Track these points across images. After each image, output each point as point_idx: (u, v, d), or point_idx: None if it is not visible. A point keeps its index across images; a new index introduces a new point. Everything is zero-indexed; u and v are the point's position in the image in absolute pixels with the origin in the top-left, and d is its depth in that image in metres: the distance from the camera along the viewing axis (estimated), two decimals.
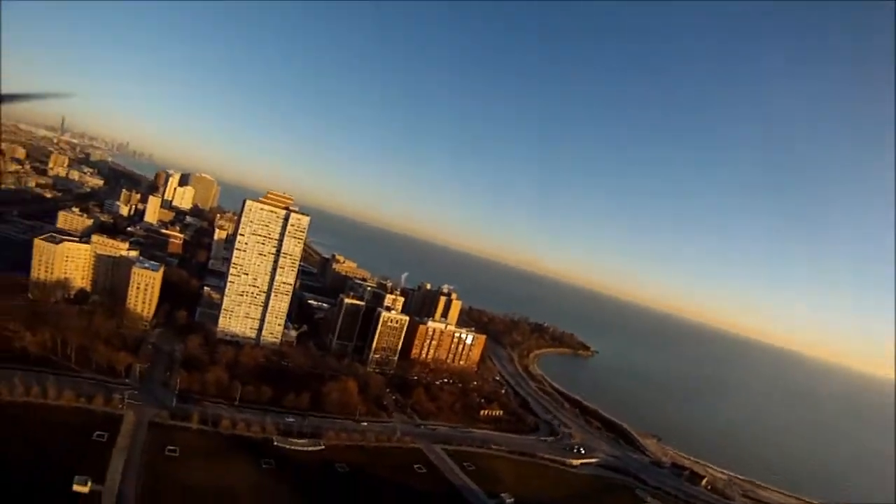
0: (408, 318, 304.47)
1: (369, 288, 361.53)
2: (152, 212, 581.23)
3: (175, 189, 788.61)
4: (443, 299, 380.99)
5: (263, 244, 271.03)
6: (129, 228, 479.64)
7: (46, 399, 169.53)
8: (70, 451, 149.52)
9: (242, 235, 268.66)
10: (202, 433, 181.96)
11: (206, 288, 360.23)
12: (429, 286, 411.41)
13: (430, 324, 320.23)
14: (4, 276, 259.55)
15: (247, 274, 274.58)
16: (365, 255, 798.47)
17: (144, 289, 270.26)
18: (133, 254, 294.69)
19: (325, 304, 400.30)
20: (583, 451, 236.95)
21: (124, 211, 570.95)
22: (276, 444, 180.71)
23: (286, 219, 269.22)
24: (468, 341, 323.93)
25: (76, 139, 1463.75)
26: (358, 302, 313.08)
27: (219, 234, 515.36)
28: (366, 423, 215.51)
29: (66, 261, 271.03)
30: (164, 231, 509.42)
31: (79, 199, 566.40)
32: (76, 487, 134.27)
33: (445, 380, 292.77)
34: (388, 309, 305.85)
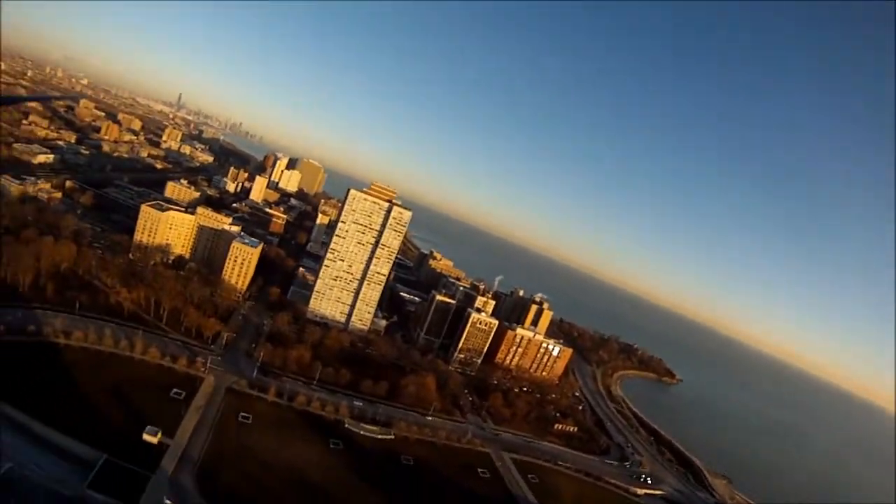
0: (497, 322, 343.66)
1: (462, 287, 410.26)
2: (258, 191, 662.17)
3: (282, 171, 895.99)
4: (534, 307, 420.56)
5: (363, 233, 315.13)
6: (233, 204, 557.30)
7: (133, 353, 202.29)
8: (147, 404, 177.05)
9: (344, 223, 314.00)
10: (276, 406, 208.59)
11: (301, 269, 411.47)
12: (522, 293, 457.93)
13: (519, 330, 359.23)
14: (110, 236, 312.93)
15: (343, 260, 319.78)
16: (462, 254, 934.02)
17: (241, 263, 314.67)
18: (235, 228, 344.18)
19: (416, 299, 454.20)
20: (649, 482, 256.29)
21: (231, 188, 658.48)
22: (347, 426, 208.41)
23: (388, 211, 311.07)
24: (554, 353, 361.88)
25: (191, 116, 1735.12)
26: (449, 300, 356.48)
27: (321, 219, 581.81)
28: (438, 420, 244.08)
29: (170, 228, 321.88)
30: (267, 210, 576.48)
31: (188, 172, 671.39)
32: (146, 437, 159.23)
33: (524, 388, 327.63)
34: (479, 310, 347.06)
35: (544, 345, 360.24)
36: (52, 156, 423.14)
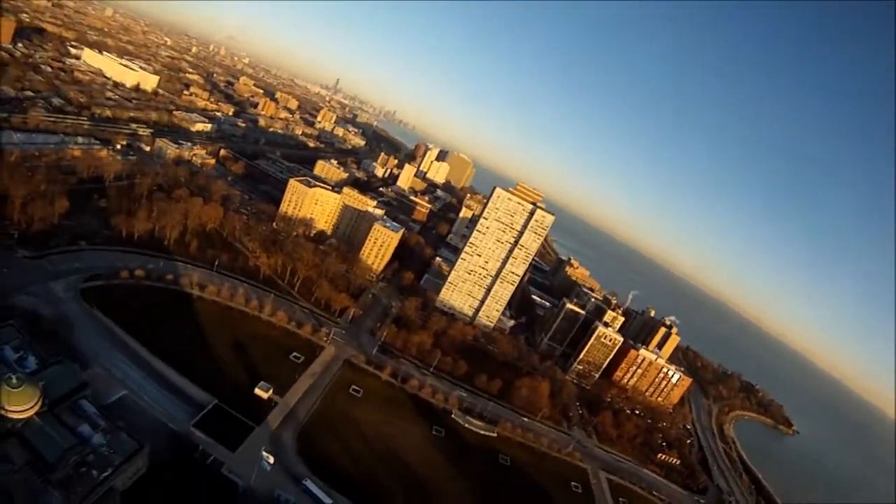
0: (622, 339, 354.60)
1: (594, 299, 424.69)
2: (406, 178, 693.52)
3: (431, 162, 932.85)
4: (662, 330, 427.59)
5: (503, 232, 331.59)
6: (380, 189, 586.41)
7: (261, 313, 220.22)
8: (265, 362, 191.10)
9: (486, 219, 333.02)
10: (389, 385, 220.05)
11: (438, 258, 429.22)
12: (653, 313, 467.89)
13: (642, 352, 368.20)
14: (256, 204, 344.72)
15: (480, 255, 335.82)
16: (600, 266, 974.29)
17: (380, 245, 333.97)
18: (379, 212, 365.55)
19: (547, 303, 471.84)
20: None
21: (379, 172, 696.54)
22: (453, 416, 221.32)
23: (531, 213, 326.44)
24: (673, 380, 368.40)
25: (347, 100, 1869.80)
26: (579, 310, 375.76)
27: (464, 213, 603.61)
28: (544, 427, 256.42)
29: (315, 203, 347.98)
30: (412, 198, 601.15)
31: (339, 153, 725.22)
32: (257, 391, 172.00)
33: (636, 411, 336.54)
34: (606, 325, 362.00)
35: (665, 370, 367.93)
36: (209, 125, 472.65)
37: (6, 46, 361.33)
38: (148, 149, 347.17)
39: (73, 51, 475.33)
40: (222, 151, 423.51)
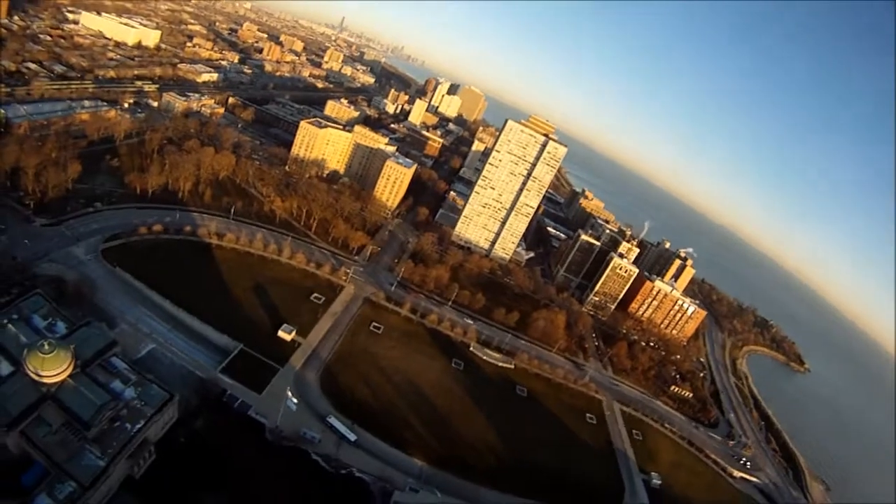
0: (637, 270, 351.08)
1: (608, 230, 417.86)
2: (417, 114, 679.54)
3: (443, 96, 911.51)
4: (677, 262, 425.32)
5: (516, 164, 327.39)
6: (391, 125, 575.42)
7: (280, 257, 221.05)
8: (287, 304, 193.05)
9: (498, 152, 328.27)
10: (409, 321, 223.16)
11: (452, 193, 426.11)
12: (668, 245, 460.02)
13: (657, 283, 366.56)
14: (268, 149, 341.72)
15: (493, 188, 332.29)
16: (616, 198, 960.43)
17: (394, 181, 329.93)
18: (391, 148, 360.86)
19: (562, 235, 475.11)
20: (748, 466, 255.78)
21: (390, 109, 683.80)
22: (472, 349, 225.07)
23: (543, 145, 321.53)
24: (688, 312, 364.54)
25: (353, 38, 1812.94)
26: (594, 241, 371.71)
27: (476, 146, 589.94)
28: (560, 358, 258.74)
29: (327, 144, 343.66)
30: (424, 133, 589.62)
31: (349, 92, 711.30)
32: (280, 334, 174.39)
33: (651, 343, 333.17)
34: (621, 256, 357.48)
35: (680, 302, 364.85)
36: (215, 74, 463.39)
37: (3, 21, 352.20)
38: (156, 104, 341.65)
39: (70, 16, 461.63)
40: (231, 99, 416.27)
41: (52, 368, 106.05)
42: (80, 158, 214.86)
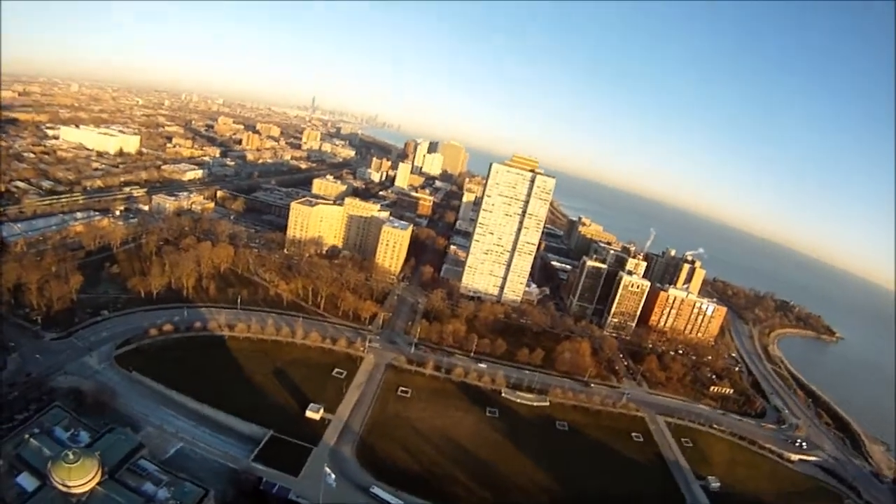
0: (648, 283, 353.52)
1: (613, 251, 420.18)
2: (403, 177, 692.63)
3: (424, 156, 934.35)
4: (686, 267, 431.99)
5: (509, 205, 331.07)
6: (380, 193, 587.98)
7: (294, 338, 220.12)
8: (310, 383, 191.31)
9: (489, 197, 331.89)
10: (435, 379, 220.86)
11: (452, 246, 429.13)
12: (673, 252, 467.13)
13: (671, 291, 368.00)
14: (264, 235, 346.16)
15: (492, 233, 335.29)
16: (612, 219, 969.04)
17: (393, 245, 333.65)
18: (384, 214, 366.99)
19: (568, 266, 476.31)
20: (804, 447, 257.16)
21: (375, 177, 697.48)
22: (503, 395, 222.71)
23: (532, 181, 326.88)
24: (708, 312, 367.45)
25: (327, 115, 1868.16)
26: (600, 265, 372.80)
27: (467, 197, 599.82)
28: (594, 385, 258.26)
29: (320, 221, 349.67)
30: (413, 194, 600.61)
31: (332, 168, 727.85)
32: (309, 414, 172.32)
33: (679, 351, 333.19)
34: (630, 273, 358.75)
35: (697, 304, 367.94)
36: (200, 171, 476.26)
37: None
38: (147, 208, 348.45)
39: (49, 132, 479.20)
40: (219, 193, 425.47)
41: (80, 478, 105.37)
42: (81, 269, 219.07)
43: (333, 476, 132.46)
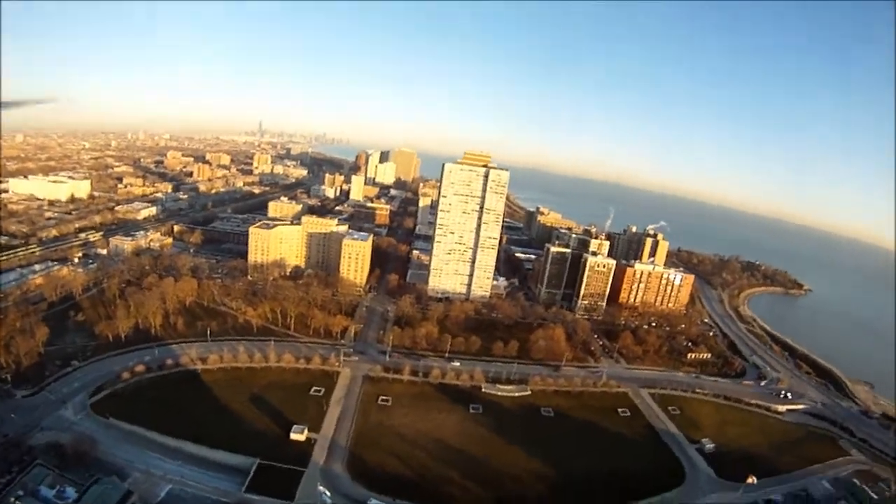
0: (614, 261, 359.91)
1: (574, 236, 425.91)
2: (357, 189, 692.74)
3: (377, 166, 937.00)
4: (649, 241, 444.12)
5: (466, 202, 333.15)
6: (336, 208, 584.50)
7: (268, 363, 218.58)
8: (290, 405, 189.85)
9: (445, 197, 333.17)
10: (413, 384, 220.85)
11: (415, 251, 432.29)
12: (634, 229, 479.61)
13: (637, 266, 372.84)
14: (225, 264, 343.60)
15: (452, 233, 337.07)
16: (570, 206, 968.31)
17: (356, 258, 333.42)
18: (342, 228, 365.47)
19: (532, 256, 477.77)
20: (789, 397, 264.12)
21: (330, 193, 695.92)
22: (484, 390, 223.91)
23: (486, 176, 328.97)
24: (676, 282, 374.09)
25: (276, 138, 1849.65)
26: (564, 250, 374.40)
27: (423, 202, 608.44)
28: (573, 369, 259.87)
29: (280, 242, 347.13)
30: (369, 205, 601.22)
31: (286, 189, 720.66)
32: (293, 436, 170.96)
33: (652, 323, 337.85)
34: (594, 254, 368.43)
35: (665, 276, 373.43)
36: (154, 208, 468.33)
37: None
38: (105, 251, 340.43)
39: None
40: (176, 227, 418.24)
41: None
42: (45, 321, 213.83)
43: (329, 494, 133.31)
